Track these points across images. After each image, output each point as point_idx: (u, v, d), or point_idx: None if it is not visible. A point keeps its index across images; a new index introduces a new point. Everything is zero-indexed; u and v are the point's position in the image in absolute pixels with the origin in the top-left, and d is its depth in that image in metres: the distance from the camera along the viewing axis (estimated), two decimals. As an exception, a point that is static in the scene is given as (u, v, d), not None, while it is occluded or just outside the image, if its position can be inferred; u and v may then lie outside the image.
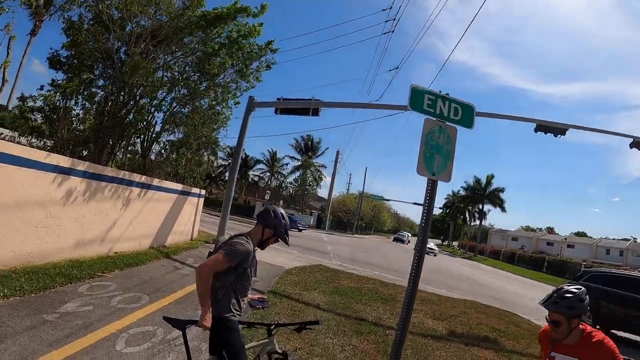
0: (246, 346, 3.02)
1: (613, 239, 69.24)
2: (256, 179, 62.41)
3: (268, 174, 61.81)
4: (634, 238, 65.19)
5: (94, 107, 11.00)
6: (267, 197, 43.59)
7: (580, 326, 2.58)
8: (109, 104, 10.90)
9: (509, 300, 15.92)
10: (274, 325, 3.19)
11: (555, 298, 2.55)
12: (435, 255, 42.73)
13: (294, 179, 60.36)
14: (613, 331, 10.33)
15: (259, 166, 61.95)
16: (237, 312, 2.90)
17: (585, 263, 47.01)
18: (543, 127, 13.75)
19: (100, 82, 11.30)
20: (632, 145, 13.95)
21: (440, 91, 3.92)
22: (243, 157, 53.65)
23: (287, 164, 62.17)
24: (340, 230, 57.24)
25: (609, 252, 63.03)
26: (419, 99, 3.79)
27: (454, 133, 3.89)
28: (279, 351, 3.18)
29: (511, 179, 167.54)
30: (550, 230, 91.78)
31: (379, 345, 6.22)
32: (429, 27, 20.80)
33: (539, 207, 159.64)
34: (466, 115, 3.98)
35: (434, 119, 3.84)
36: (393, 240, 60.59)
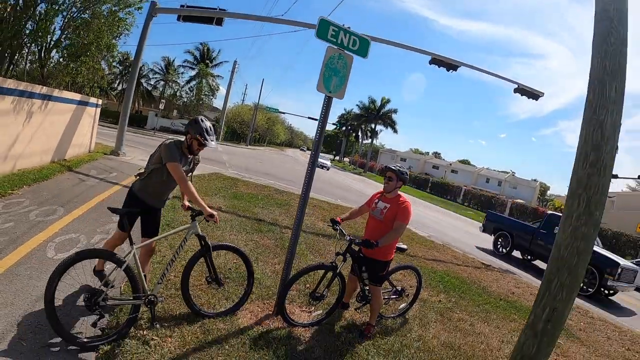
0: (173, 230, 4.27)
1: (494, 170, 79.09)
2: (149, 87, 58.79)
3: (162, 82, 58.42)
4: (513, 172, 75.75)
5: None
6: (161, 106, 41.57)
7: (401, 194, 4.42)
8: (8, 9, 10.07)
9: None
10: (196, 213, 4.14)
11: (394, 165, 4.61)
12: (328, 170, 45.58)
13: (189, 88, 57.99)
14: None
15: (153, 74, 58.20)
16: None
17: (465, 187, 53.84)
18: (437, 60, 15.38)
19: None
20: (515, 91, 16.20)
21: (343, 24, 4.85)
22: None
23: (182, 73, 59.33)
24: (234, 141, 57.54)
25: (488, 181, 72.30)
26: (325, 29, 4.68)
27: (350, 60, 4.90)
28: (201, 234, 4.18)
29: (405, 102, 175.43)
30: (437, 155, 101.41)
31: (277, 241, 7.65)
32: None
33: (430, 133, 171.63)
34: (362, 46, 5.00)
35: (336, 47, 4.79)
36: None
